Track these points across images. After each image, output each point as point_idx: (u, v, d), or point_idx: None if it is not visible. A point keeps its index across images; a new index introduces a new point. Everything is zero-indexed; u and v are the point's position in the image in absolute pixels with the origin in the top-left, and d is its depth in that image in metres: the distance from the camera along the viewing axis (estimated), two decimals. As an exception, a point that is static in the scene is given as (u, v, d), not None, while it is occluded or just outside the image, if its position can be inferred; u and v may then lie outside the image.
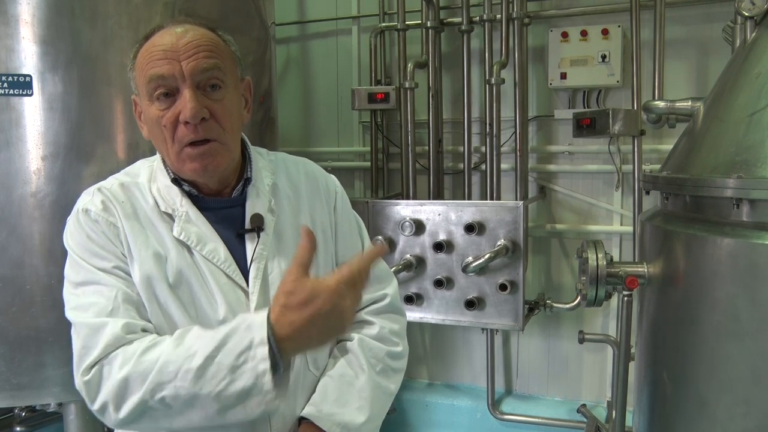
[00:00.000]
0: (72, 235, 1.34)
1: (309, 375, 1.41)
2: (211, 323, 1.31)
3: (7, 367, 2.08)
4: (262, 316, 1.16)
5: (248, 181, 1.40)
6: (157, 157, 1.41)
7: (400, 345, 1.52)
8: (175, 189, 1.35)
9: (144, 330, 1.26)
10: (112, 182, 1.39)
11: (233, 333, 1.16)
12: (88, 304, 1.27)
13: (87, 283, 1.29)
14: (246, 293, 1.34)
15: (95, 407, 1.23)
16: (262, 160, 1.48)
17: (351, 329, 1.48)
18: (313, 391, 1.42)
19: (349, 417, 1.37)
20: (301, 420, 1.39)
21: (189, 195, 1.36)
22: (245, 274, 1.35)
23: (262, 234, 1.36)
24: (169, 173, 1.37)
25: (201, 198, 1.37)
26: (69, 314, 1.31)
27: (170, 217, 1.34)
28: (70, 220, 1.36)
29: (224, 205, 1.39)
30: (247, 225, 1.37)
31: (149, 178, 1.39)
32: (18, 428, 2.80)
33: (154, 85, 1.26)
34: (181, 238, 1.32)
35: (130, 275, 1.30)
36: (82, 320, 1.27)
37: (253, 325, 1.15)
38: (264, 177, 1.43)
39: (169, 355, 1.18)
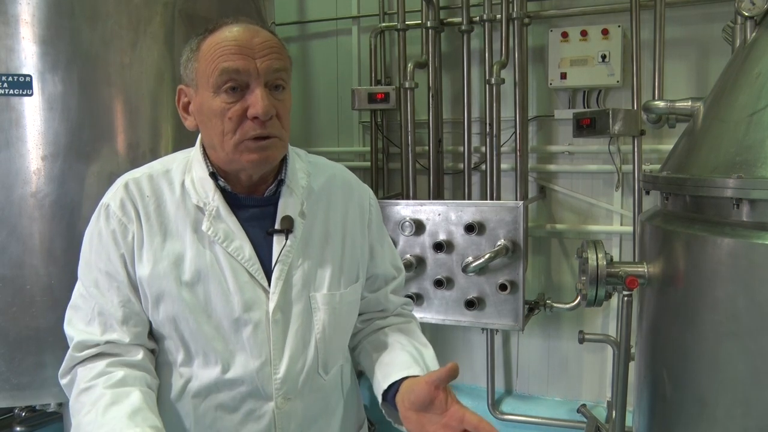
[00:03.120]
0: (89, 227, 1.39)
1: (318, 379, 1.42)
2: (223, 323, 1.34)
3: (7, 367, 2.08)
4: None
5: (282, 181, 1.41)
6: (196, 149, 1.41)
7: None
8: (209, 183, 1.36)
9: (104, 343, 1.33)
10: (142, 172, 1.40)
11: None
12: (77, 307, 1.38)
13: (82, 281, 1.38)
14: (266, 292, 1.35)
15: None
16: (299, 161, 1.49)
17: (400, 315, 1.58)
18: (323, 394, 1.45)
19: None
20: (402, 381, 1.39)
21: (222, 191, 1.37)
22: (268, 274, 1.36)
23: (290, 236, 1.37)
24: (207, 166, 1.37)
25: (234, 195, 1.38)
26: (67, 311, 1.40)
27: (200, 211, 1.36)
28: (95, 212, 1.39)
29: (257, 204, 1.40)
30: (277, 226, 1.38)
31: (184, 169, 1.40)
32: (18, 428, 2.80)
33: (226, 78, 1.27)
34: (209, 233, 1.34)
35: (120, 280, 1.34)
36: (66, 326, 1.39)
37: None
38: (299, 179, 1.44)
39: (81, 422, 1.26)
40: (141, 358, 1.34)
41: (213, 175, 1.37)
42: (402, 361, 1.41)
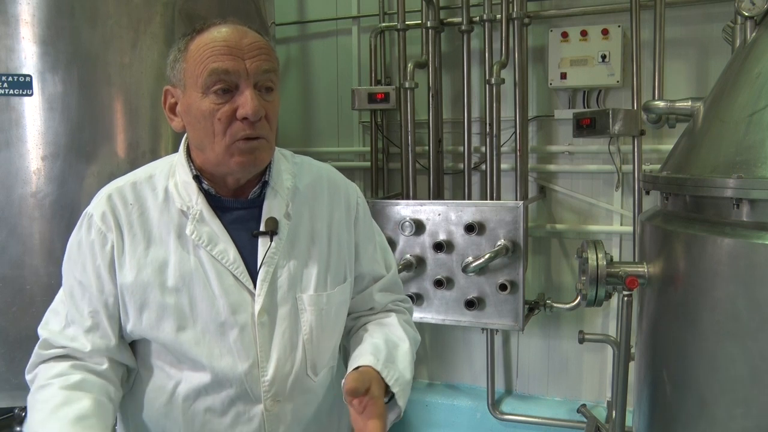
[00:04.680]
0: (72, 235, 1.40)
1: (307, 380, 1.42)
2: (209, 327, 1.33)
3: (7, 367, 2.09)
4: None
5: (266, 183, 1.41)
6: (180, 152, 1.41)
7: (419, 338, 1.59)
8: (193, 186, 1.36)
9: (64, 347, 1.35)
10: (126, 180, 1.41)
11: None
12: (55, 311, 1.41)
13: (63, 287, 1.41)
14: (252, 295, 1.35)
15: None
16: (285, 162, 1.48)
17: (388, 311, 1.56)
18: (313, 396, 1.44)
19: (400, 373, 1.38)
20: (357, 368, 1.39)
21: (207, 194, 1.37)
22: (254, 277, 1.36)
23: (275, 238, 1.37)
24: (191, 169, 1.37)
25: (218, 198, 1.38)
26: (46, 314, 1.43)
27: (184, 215, 1.36)
28: (79, 220, 1.40)
29: (241, 206, 1.40)
30: (262, 228, 1.37)
31: (167, 173, 1.40)
32: (18, 428, 2.80)
33: (215, 78, 1.27)
34: (192, 237, 1.34)
35: (91, 292, 1.35)
36: (40, 328, 1.41)
37: None
38: (285, 180, 1.44)
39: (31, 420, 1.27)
40: (105, 368, 1.35)
41: (197, 178, 1.37)
42: (360, 353, 1.40)
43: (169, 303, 1.32)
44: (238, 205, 1.39)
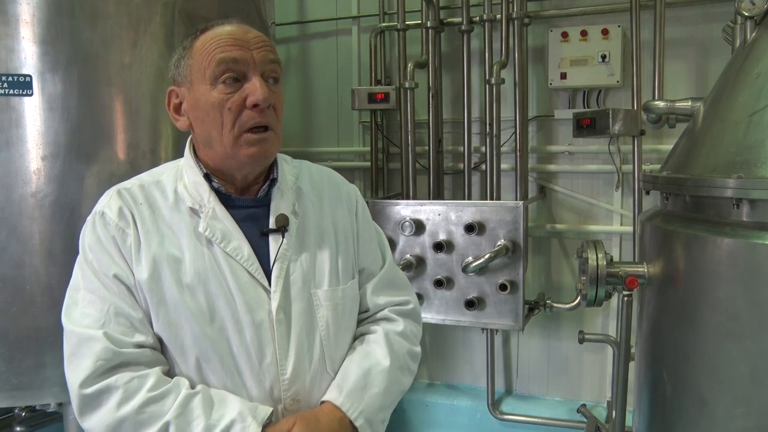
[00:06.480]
0: (85, 236, 1.37)
1: (326, 377, 1.42)
2: (226, 325, 1.32)
3: (7, 367, 2.08)
4: (260, 420, 1.27)
5: (274, 182, 1.42)
6: (186, 155, 1.42)
7: (419, 347, 1.57)
8: (204, 185, 1.37)
9: (136, 346, 1.29)
10: (133, 182, 1.41)
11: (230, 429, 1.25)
12: (82, 314, 1.31)
13: (86, 289, 1.33)
14: (267, 292, 1.35)
15: (83, 424, 1.29)
16: (286, 164, 1.50)
17: (385, 318, 1.54)
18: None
19: (367, 404, 1.39)
20: (322, 403, 1.40)
21: (216, 192, 1.38)
22: (267, 274, 1.36)
23: (286, 234, 1.38)
24: (201, 169, 1.38)
25: (227, 196, 1.39)
26: (63, 317, 1.35)
27: (195, 213, 1.36)
28: (88, 221, 1.38)
29: (250, 204, 1.40)
30: (272, 225, 1.38)
31: (175, 177, 1.41)
32: (18, 428, 2.80)
33: (224, 68, 1.29)
34: (206, 234, 1.34)
35: (129, 284, 1.31)
36: (70, 328, 1.31)
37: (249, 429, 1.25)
38: (289, 180, 1.46)
39: (169, 424, 1.24)
40: (170, 369, 1.34)
41: (207, 177, 1.37)
42: (332, 384, 1.42)
43: (186, 301, 1.31)
44: (247, 203, 1.40)
